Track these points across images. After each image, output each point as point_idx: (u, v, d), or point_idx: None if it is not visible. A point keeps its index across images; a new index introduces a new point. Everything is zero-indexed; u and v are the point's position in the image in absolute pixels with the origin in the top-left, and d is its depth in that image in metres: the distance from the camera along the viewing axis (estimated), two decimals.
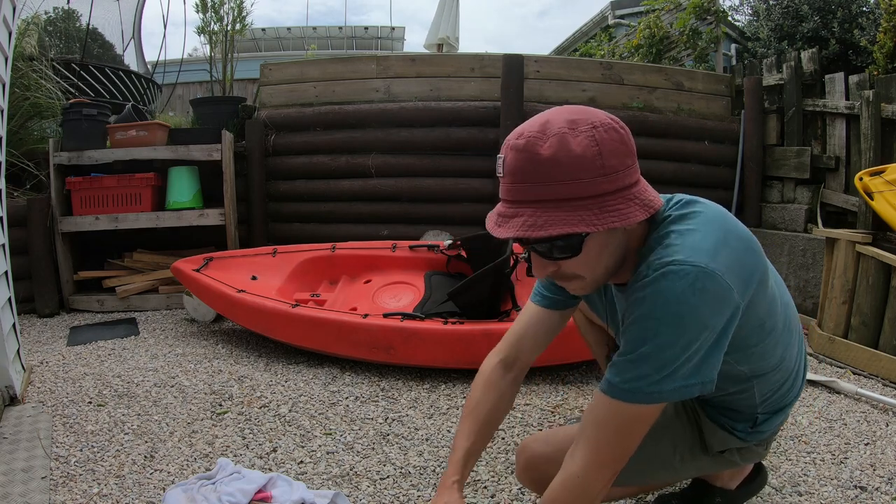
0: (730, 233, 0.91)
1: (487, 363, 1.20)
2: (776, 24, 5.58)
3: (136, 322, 3.21)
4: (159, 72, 6.27)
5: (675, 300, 0.83)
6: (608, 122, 0.85)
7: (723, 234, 0.89)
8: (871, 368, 2.40)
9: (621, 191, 0.84)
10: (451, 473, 1.09)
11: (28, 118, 3.79)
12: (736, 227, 0.93)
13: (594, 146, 0.82)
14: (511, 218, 0.85)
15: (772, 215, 3.87)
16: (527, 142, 0.84)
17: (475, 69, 4.11)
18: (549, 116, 0.86)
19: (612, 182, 0.83)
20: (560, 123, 0.84)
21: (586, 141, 0.82)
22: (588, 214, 0.82)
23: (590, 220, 0.82)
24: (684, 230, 0.89)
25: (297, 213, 4.12)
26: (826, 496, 1.48)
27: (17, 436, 1.76)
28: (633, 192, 0.86)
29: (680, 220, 0.91)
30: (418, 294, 2.79)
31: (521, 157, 0.84)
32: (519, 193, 0.85)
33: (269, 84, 4.25)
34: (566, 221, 0.82)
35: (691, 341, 0.84)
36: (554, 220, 0.82)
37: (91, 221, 3.48)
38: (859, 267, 2.51)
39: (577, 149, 0.82)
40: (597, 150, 0.82)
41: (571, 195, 0.82)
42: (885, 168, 2.75)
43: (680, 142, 4.05)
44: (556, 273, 0.91)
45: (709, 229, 0.89)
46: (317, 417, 1.96)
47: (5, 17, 1.99)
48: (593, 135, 0.83)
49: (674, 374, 0.85)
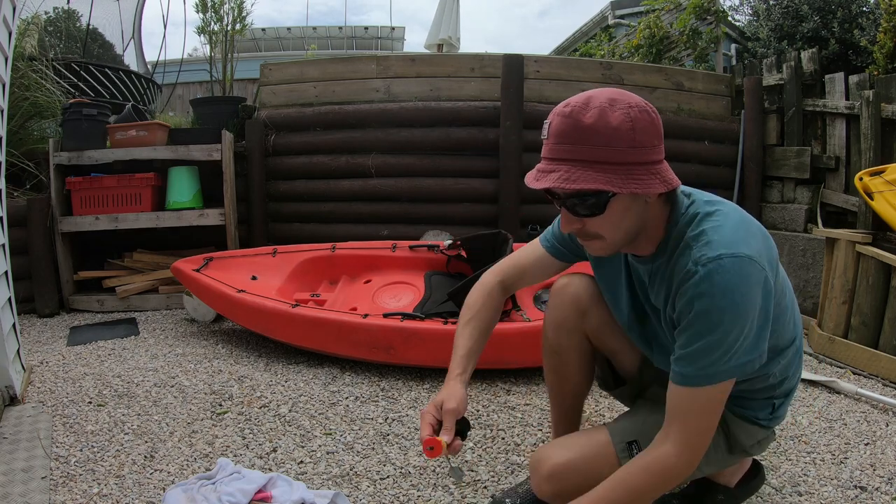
0: (751, 224, 1.05)
1: (488, 279, 1.34)
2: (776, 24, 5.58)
3: (136, 322, 3.21)
4: (159, 72, 6.28)
5: (731, 291, 0.94)
6: (643, 105, 0.97)
7: (746, 226, 1.03)
8: (871, 368, 2.40)
9: (646, 164, 0.96)
10: (454, 368, 1.24)
11: (28, 118, 3.79)
12: (752, 219, 1.07)
13: (628, 122, 0.94)
14: (549, 173, 0.96)
15: (772, 215, 3.87)
16: (572, 110, 0.96)
17: (475, 69, 4.11)
18: (593, 94, 0.98)
19: (640, 155, 0.95)
20: (602, 100, 0.96)
21: (622, 116, 0.94)
22: (615, 178, 0.93)
23: (616, 182, 0.93)
24: (716, 225, 1.00)
25: (297, 213, 4.12)
26: (826, 496, 1.48)
27: (17, 436, 1.76)
28: (656, 168, 0.97)
29: (709, 217, 1.03)
30: (418, 294, 2.79)
31: (566, 122, 0.96)
32: (559, 152, 0.97)
33: (269, 84, 4.25)
34: (596, 180, 0.93)
35: (747, 323, 0.96)
36: (586, 177, 0.93)
37: (91, 221, 3.48)
38: (859, 267, 2.51)
39: (613, 121, 0.94)
40: (630, 125, 0.94)
41: (604, 159, 0.94)
42: (885, 168, 2.75)
43: (680, 142, 4.04)
44: (581, 231, 1.03)
45: (735, 222, 1.02)
46: (317, 417, 1.96)
47: (5, 17, 1.99)
48: (629, 112, 0.95)
49: (738, 353, 0.97)
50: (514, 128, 3.74)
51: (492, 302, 1.32)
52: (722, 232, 0.99)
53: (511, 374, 2.32)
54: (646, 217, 1.04)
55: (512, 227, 3.59)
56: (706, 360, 0.97)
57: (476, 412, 2.00)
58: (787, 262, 3.44)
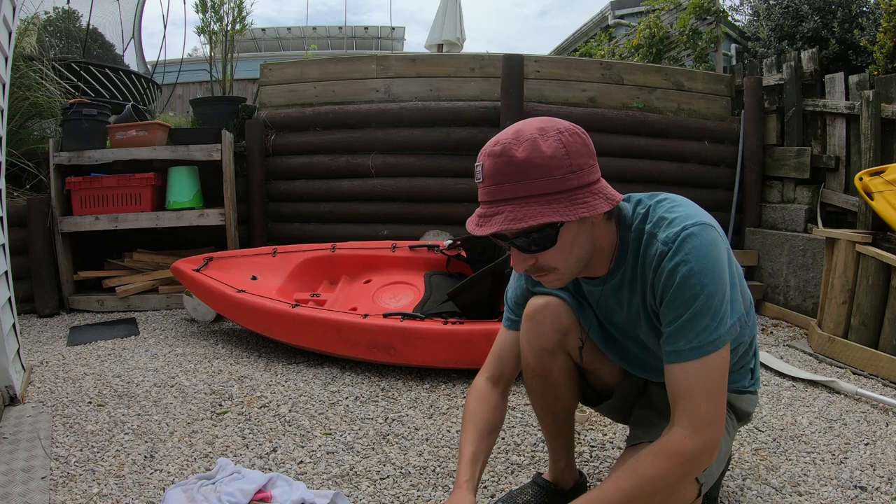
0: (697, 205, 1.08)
1: (477, 381, 1.31)
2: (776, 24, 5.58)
3: (136, 322, 3.21)
4: (159, 72, 6.27)
5: (704, 255, 0.96)
6: (572, 128, 0.97)
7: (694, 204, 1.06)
8: (870, 368, 2.40)
9: (587, 186, 0.95)
10: (461, 474, 1.14)
11: (28, 118, 3.79)
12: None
13: (562, 147, 0.93)
14: (492, 217, 0.94)
15: (772, 215, 3.87)
16: (503, 147, 0.94)
17: (475, 69, 4.11)
18: (520, 126, 0.97)
19: (579, 178, 0.94)
20: (531, 130, 0.95)
21: (555, 143, 0.93)
22: (561, 207, 0.93)
23: (563, 211, 0.92)
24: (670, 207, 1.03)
25: (297, 213, 4.13)
26: (826, 496, 1.48)
27: (17, 436, 1.76)
28: (597, 188, 0.97)
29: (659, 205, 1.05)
30: (418, 294, 2.79)
31: (499, 160, 0.94)
32: (498, 193, 0.95)
33: (269, 84, 4.25)
34: (543, 213, 0.92)
35: (725, 284, 0.97)
36: (532, 213, 0.92)
37: (91, 221, 3.48)
38: (859, 267, 2.51)
39: (547, 150, 0.92)
40: (564, 150, 0.93)
41: (545, 191, 0.93)
42: (885, 168, 2.75)
43: (680, 142, 4.05)
44: (534, 266, 1.01)
45: (685, 201, 1.05)
46: (317, 417, 1.96)
47: (5, 17, 1.99)
48: (560, 138, 0.94)
49: (724, 316, 0.97)
50: None
51: (486, 402, 1.25)
52: (678, 210, 1.01)
53: None
54: (595, 237, 1.04)
55: None
56: (695, 330, 0.95)
57: None
58: (787, 262, 3.44)
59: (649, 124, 4.01)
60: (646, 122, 4.01)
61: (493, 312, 2.44)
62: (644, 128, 4.00)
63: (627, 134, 3.98)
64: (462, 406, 2.04)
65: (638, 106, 4.11)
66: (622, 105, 4.10)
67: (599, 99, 4.11)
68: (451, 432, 1.85)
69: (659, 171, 3.95)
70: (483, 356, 1.35)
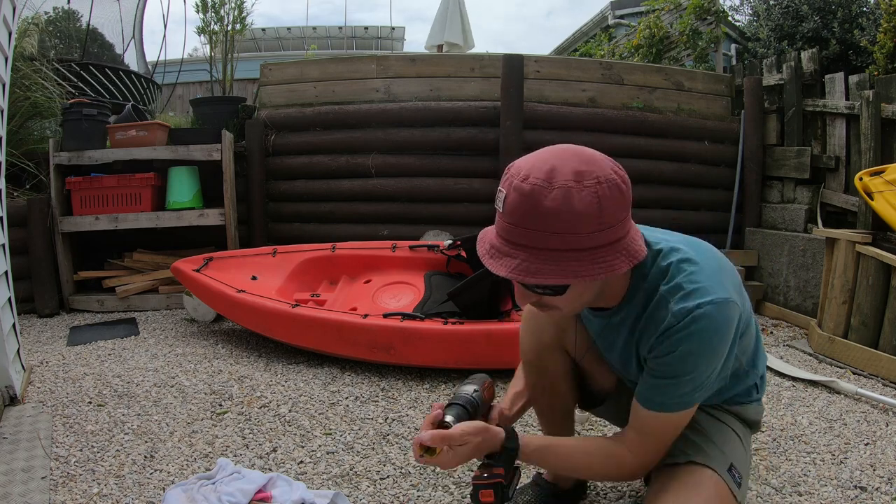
0: (716, 258, 1.04)
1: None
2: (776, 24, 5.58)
3: (136, 322, 3.21)
4: (159, 72, 6.27)
5: (710, 338, 0.94)
6: (612, 176, 0.88)
7: (715, 264, 1.01)
8: (870, 368, 2.40)
9: (612, 244, 0.89)
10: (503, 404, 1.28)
11: (28, 118, 3.79)
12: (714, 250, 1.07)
13: (595, 202, 0.85)
14: (505, 256, 0.90)
15: (772, 215, 3.87)
16: (532, 188, 0.86)
17: (475, 69, 4.11)
18: (556, 163, 0.87)
19: (607, 236, 0.88)
20: (567, 175, 0.86)
21: (589, 198, 0.85)
22: (578, 266, 0.87)
23: (579, 271, 0.87)
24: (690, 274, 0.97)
25: (297, 213, 4.12)
26: (826, 496, 1.48)
27: (17, 436, 1.76)
28: (623, 244, 0.90)
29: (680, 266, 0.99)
30: (418, 294, 2.79)
31: (524, 202, 0.86)
32: (516, 236, 0.89)
33: (269, 84, 4.25)
34: (557, 273, 0.87)
35: (717, 361, 0.98)
36: (546, 270, 0.87)
37: (91, 221, 3.48)
38: (859, 267, 2.51)
39: (579, 205, 0.84)
40: (597, 205, 0.85)
41: (566, 247, 0.86)
42: (885, 168, 2.75)
43: (680, 142, 4.04)
44: (537, 302, 0.99)
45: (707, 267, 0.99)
46: (317, 417, 1.96)
47: (5, 17, 1.99)
48: (597, 191, 0.85)
49: (704, 387, 1.00)
50: (514, 128, 3.74)
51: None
52: (698, 280, 0.96)
53: (510, 374, 2.31)
54: (606, 285, 1.01)
55: None
56: (677, 392, 0.98)
57: None
58: (787, 262, 3.44)
59: (649, 124, 4.01)
60: (646, 122, 4.01)
61: (493, 312, 2.44)
62: (644, 128, 4.00)
63: (627, 134, 3.98)
64: None
65: (638, 106, 4.11)
66: (622, 105, 4.10)
67: (599, 99, 4.11)
68: None
69: (659, 171, 3.95)
70: (483, 356, 1.35)
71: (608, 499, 1.47)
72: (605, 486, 1.52)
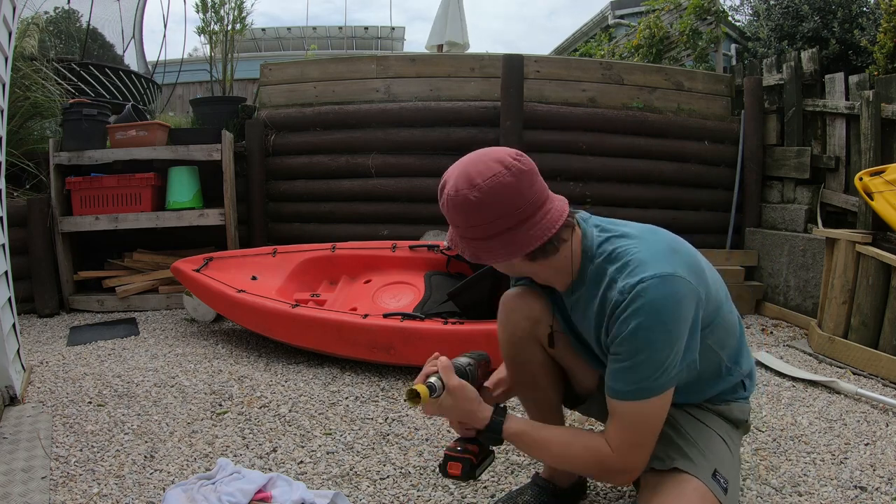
0: (664, 238, 1.08)
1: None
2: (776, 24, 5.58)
3: (136, 322, 3.21)
4: (159, 72, 6.27)
5: (658, 311, 0.97)
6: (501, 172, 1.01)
7: (660, 242, 1.05)
8: (870, 368, 2.40)
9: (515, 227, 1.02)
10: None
11: (28, 118, 3.79)
12: (663, 232, 1.12)
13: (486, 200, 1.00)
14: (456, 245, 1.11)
15: (772, 215, 3.87)
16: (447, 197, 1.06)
17: (475, 69, 4.11)
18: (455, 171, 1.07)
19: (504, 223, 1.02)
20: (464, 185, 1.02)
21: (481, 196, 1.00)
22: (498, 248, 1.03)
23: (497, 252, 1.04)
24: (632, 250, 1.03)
25: (297, 213, 4.12)
26: (826, 496, 1.48)
27: (17, 436, 1.76)
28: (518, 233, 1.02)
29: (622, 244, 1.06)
30: (418, 294, 2.79)
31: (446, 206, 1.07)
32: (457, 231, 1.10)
33: (269, 84, 4.25)
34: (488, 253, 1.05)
35: (677, 338, 0.99)
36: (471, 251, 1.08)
37: (91, 221, 3.48)
38: (859, 267, 2.51)
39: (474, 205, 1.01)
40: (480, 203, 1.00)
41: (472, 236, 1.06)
42: (885, 168, 2.74)
43: (680, 142, 4.04)
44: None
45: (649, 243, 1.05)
46: (317, 417, 1.96)
47: (5, 17, 1.99)
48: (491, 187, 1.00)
49: (669, 368, 1.00)
50: (515, 128, 3.74)
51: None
52: (639, 256, 1.01)
53: None
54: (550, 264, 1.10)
55: None
56: (635, 377, 1.00)
57: None
58: (787, 262, 3.44)
59: (649, 124, 4.01)
60: (646, 122, 4.01)
61: (493, 312, 2.43)
62: (644, 128, 4.00)
63: (627, 134, 3.98)
64: None
65: (638, 106, 4.11)
66: (622, 105, 4.10)
67: (599, 99, 4.11)
68: (451, 432, 1.84)
69: (659, 171, 3.95)
70: None
71: (608, 499, 1.47)
72: (605, 486, 1.52)
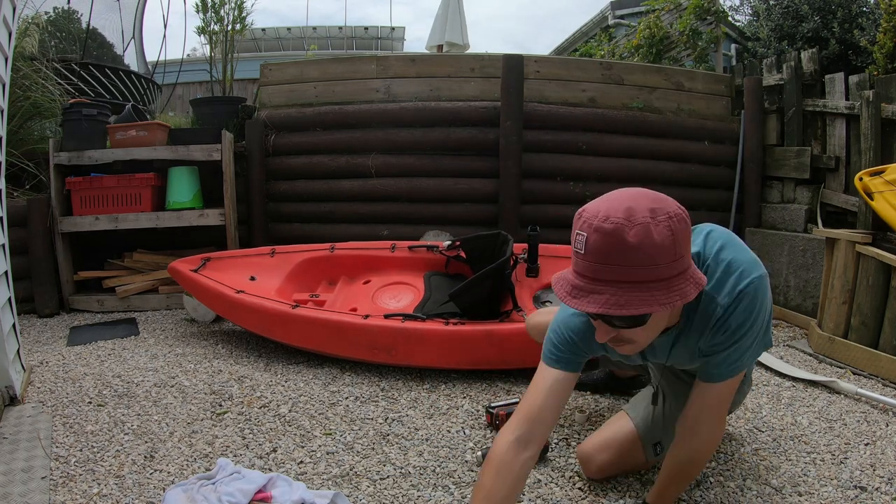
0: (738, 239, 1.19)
1: (501, 443, 1.13)
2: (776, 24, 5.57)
3: (136, 322, 3.21)
4: (159, 72, 6.27)
5: (752, 311, 1.11)
6: (679, 213, 0.99)
7: (739, 242, 1.17)
8: (870, 368, 2.40)
9: (683, 273, 0.99)
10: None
11: (28, 118, 3.78)
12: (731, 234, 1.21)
13: (670, 235, 0.95)
14: (590, 293, 0.96)
15: (772, 215, 3.87)
16: (615, 227, 0.94)
17: (475, 69, 4.11)
18: (631, 203, 0.96)
19: (679, 266, 0.98)
20: (643, 213, 0.95)
21: (665, 231, 0.95)
22: (660, 295, 0.95)
23: (661, 299, 0.95)
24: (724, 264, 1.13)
25: (297, 213, 4.12)
26: (826, 496, 1.48)
27: (17, 436, 1.76)
28: (690, 273, 1.01)
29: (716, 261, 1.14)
30: (418, 294, 2.79)
31: (608, 240, 0.94)
32: (601, 273, 0.96)
33: (269, 84, 4.25)
34: (644, 302, 0.94)
35: (760, 328, 1.15)
36: (634, 300, 0.94)
37: (91, 221, 3.48)
38: (859, 267, 2.51)
39: (658, 238, 0.94)
40: (672, 238, 0.95)
41: (649, 279, 0.95)
42: (885, 168, 2.74)
43: (680, 142, 4.04)
44: (616, 338, 1.07)
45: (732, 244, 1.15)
46: (317, 417, 1.96)
47: (5, 17, 1.99)
48: (670, 225, 0.96)
49: (755, 347, 1.17)
50: (515, 128, 3.74)
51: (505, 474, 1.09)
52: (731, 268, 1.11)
53: (511, 374, 2.32)
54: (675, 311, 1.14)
55: (511, 228, 3.59)
56: (729, 362, 1.16)
57: (476, 412, 2.00)
58: (787, 262, 3.44)
59: (649, 124, 4.01)
60: (646, 122, 4.01)
61: (493, 313, 2.44)
62: (644, 128, 4.00)
63: (628, 134, 3.98)
64: (461, 406, 2.04)
65: (638, 106, 4.11)
66: (622, 105, 4.10)
67: (599, 99, 4.11)
68: (451, 432, 1.85)
69: (659, 171, 3.95)
70: (484, 357, 1.35)
71: (608, 499, 1.47)
72: (605, 486, 1.52)
